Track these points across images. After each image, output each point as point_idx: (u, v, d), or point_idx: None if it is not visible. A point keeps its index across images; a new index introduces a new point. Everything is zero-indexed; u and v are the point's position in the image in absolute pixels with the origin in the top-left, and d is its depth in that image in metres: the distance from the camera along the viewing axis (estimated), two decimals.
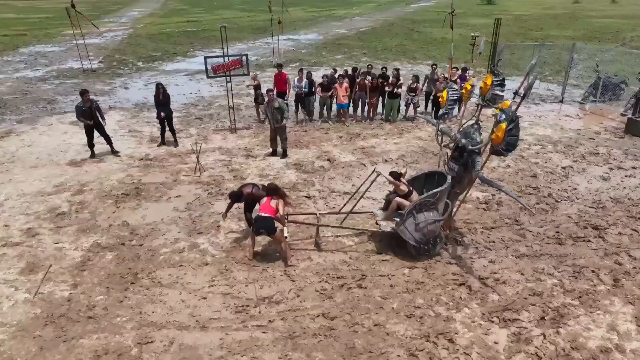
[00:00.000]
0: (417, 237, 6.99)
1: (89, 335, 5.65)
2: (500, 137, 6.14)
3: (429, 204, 6.98)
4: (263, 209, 6.96)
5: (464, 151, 7.02)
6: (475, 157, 6.88)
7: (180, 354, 5.40)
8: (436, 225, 7.05)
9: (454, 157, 7.26)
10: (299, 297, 6.35)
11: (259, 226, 6.86)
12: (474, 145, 6.90)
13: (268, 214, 6.89)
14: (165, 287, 6.54)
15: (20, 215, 8.39)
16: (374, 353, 5.41)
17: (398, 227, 7.07)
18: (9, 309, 6.08)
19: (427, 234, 7.01)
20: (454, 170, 7.21)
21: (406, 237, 7.01)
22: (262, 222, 6.84)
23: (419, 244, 7.06)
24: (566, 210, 8.69)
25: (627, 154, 11.41)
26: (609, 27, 38.74)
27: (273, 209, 6.97)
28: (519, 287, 6.53)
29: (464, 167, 7.06)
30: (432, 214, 7.00)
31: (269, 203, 7.03)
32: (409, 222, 6.96)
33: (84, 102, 10.62)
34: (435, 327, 5.79)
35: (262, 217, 6.87)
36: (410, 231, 6.97)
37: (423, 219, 6.93)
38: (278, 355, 5.37)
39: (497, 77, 7.04)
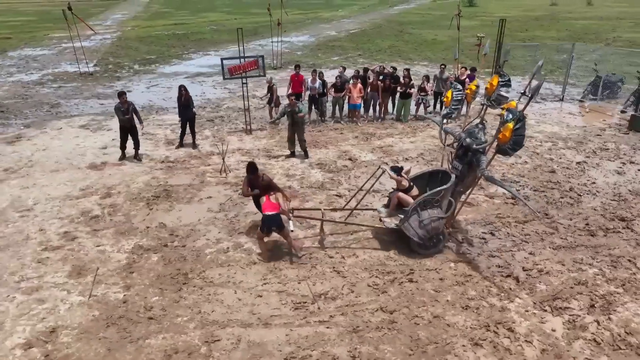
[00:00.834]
0: (420, 233, 7.07)
1: (154, 336, 5.66)
2: (508, 137, 6.27)
3: (433, 201, 7.10)
4: (267, 208, 6.95)
5: (468, 150, 7.12)
6: (479, 156, 6.99)
7: (250, 351, 5.45)
8: (440, 223, 7.14)
9: (459, 156, 7.36)
10: (354, 293, 6.46)
11: (268, 225, 6.89)
12: (478, 145, 7.01)
13: (273, 211, 6.91)
14: (218, 287, 6.57)
15: (53, 219, 8.29)
16: (439, 344, 5.56)
17: (402, 224, 7.16)
18: (66, 312, 6.03)
19: (430, 231, 7.09)
20: (458, 169, 7.30)
21: (410, 234, 7.10)
22: (270, 220, 6.87)
23: (422, 241, 7.14)
24: (590, 204, 9.01)
25: (635, 149, 11.86)
26: (589, 28, 39.85)
27: (276, 205, 7.01)
28: (563, 277, 6.77)
29: (468, 166, 7.16)
30: (436, 211, 7.10)
31: (270, 200, 7.06)
32: (413, 219, 7.06)
33: (122, 103, 10.53)
34: (493, 317, 5.97)
35: (268, 215, 6.88)
36: (414, 228, 7.06)
37: (427, 216, 7.04)
38: (347, 349, 5.47)
39: (503, 77, 7.17)
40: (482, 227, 8.16)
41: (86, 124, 13.87)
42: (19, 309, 6.06)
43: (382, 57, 25.71)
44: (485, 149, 7.03)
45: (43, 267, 6.93)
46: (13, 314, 5.96)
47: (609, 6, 65.96)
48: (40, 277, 6.71)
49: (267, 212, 6.90)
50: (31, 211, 8.57)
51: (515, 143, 6.35)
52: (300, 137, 11.15)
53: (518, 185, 9.79)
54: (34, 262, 7.04)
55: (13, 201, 8.93)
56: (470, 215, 8.54)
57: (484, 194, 9.36)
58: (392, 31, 36.86)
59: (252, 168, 7.44)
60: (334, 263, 7.10)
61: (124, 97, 10.72)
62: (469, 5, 65.95)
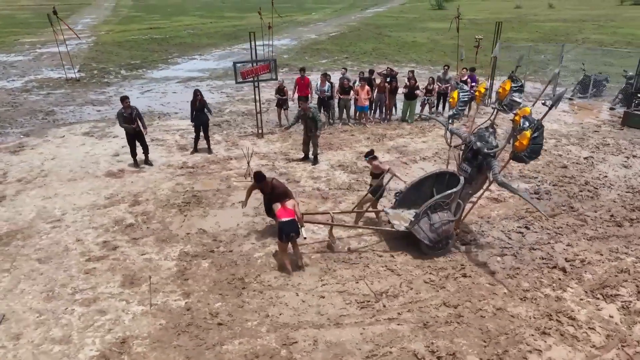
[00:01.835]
0: (431, 236, 7.12)
1: (230, 341, 5.63)
2: (525, 145, 6.25)
3: (444, 204, 7.16)
4: (283, 214, 6.82)
5: (478, 154, 7.21)
6: (490, 161, 7.04)
7: (330, 351, 5.51)
8: (450, 226, 7.22)
9: (467, 158, 7.43)
10: (413, 290, 6.60)
11: (287, 231, 6.73)
12: (489, 149, 7.08)
13: (290, 217, 6.79)
14: (278, 290, 6.59)
15: (87, 229, 8.08)
16: (509, 335, 5.76)
17: (412, 227, 7.21)
18: (131, 322, 5.92)
19: (441, 233, 7.15)
20: (467, 171, 7.38)
21: (420, 237, 7.14)
22: (289, 226, 6.74)
23: (433, 244, 7.19)
24: (608, 196, 9.47)
25: (634, 143, 12.52)
26: (557, 29, 41.54)
27: (291, 211, 6.88)
28: (605, 266, 7.12)
29: (478, 169, 7.26)
30: (446, 214, 7.18)
31: (285, 206, 6.94)
32: (424, 222, 7.11)
33: (124, 108, 10.30)
34: (552, 306, 6.23)
35: (286, 221, 6.74)
36: (424, 231, 7.12)
37: (437, 219, 7.09)
38: (424, 344, 5.60)
39: (515, 82, 7.15)
40: (516, 221, 8.46)
41: (89, 131, 13.50)
42: (82, 321, 5.91)
43: (369, 59, 26.07)
44: (496, 153, 7.06)
45: (93, 278, 6.76)
46: (78, 327, 5.81)
47: (570, 9, 68.80)
48: (93, 288, 6.54)
49: (284, 219, 6.76)
50: (62, 222, 8.32)
51: (533, 151, 6.34)
52: (314, 141, 11.18)
53: (537, 181, 10.18)
54: (81, 274, 6.85)
55: (39, 212, 8.64)
56: (501, 211, 8.84)
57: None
58: (371, 34, 37.35)
59: (259, 177, 7.31)
60: (385, 262, 7.22)
61: (127, 101, 10.47)
62: (437, 8, 67.58)
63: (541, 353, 5.46)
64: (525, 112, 6.48)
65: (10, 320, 5.88)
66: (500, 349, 5.52)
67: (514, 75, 7.33)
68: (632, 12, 57.60)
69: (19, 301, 6.22)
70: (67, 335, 5.66)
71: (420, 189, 7.94)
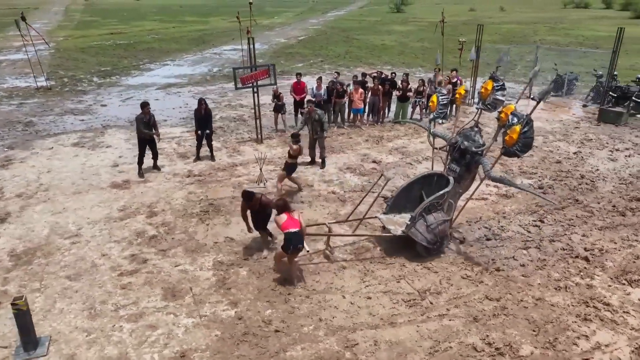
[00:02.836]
0: (429, 237, 7.23)
1: (292, 347, 5.64)
2: (515, 139, 6.53)
3: (437, 205, 7.32)
4: (290, 225, 6.57)
5: (466, 153, 7.41)
6: (479, 159, 7.30)
7: (392, 350, 5.62)
8: (446, 225, 7.38)
9: (455, 158, 7.61)
10: (453, 286, 6.82)
11: (296, 244, 6.58)
12: (477, 147, 7.31)
13: (297, 228, 6.60)
14: (323, 293, 6.64)
15: (110, 243, 7.83)
16: (553, 322, 6.07)
17: (409, 230, 7.27)
18: (185, 335, 5.82)
19: (438, 234, 7.28)
20: (456, 171, 7.57)
21: (418, 239, 7.22)
22: (297, 238, 6.58)
23: (430, 245, 7.30)
24: (605, 188, 10.09)
25: (613, 138, 13.36)
26: (514, 31, 43.42)
27: (297, 222, 6.67)
28: (621, 253, 7.61)
29: (467, 168, 7.48)
30: (440, 214, 7.33)
31: (292, 217, 6.70)
32: (420, 224, 7.21)
33: (144, 114, 10.08)
34: (585, 294, 6.61)
35: (294, 233, 6.53)
36: (422, 232, 7.20)
37: (433, 220, 7.22)
38: (479, 337, 5.81)
39: (497, 82, 7.49)
40: (530, 215, 8.88)
41: (78, 141, 13.00)
42: (134, 337, 5.75)
43: (344, 62, 26.41)
44: (484, 151, 7.31)
45: (131, 293, 6.57)
46: (132, 344, 5.64)
47: (519, 12, 72.03)
48: (135, 303, 6.37)
49: (292, 230, 6.53)
50: (80, 237, 8.01)
51: (525, 145, 6.61)
52: (320, 143, 11.29)
53: (537, 176, 10.70)
54: (118, 289, 6.65)
55: (53, 227, 8.28)
56: (514, 206, 9.25)
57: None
58: (339, 37, 37.77)
59: (248, 195, 7.35)
60: (419, 260, 7.41)
61: (147, 107, 10.35)
62: (396, 11, 69.10)
63: (588, 338, 5.80)
64: (510, 109, 6.78)
65: (59, 342, 5.64)
66: (550, 337, 5.81)
67: (495, 75, 7.64)
68: (576, 15, 61.08)
69: (61, 321, 5.97)
70: (124, 353, 5.49)
71: (410, 192, 8.00)
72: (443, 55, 16.45)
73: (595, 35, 37.26)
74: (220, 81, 21.60)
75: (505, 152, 6.87)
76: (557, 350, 5.60)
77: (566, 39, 35.57)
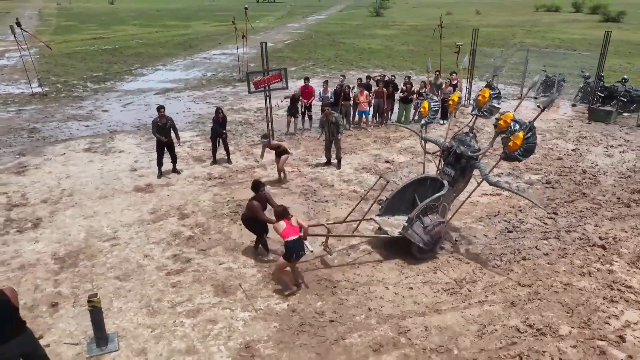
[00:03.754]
0: (426, 239, 7.41)
1: (349, 335, 5.98)
2: (518, 145, 6.81)
3: (433, 207, 7.54)
4: (290, 233, 6.61)
5: (461, 157, 7.69)
6: (474, 163, 7.59)
7: (443, 334, 6.02)
8: (442, 227, 7.58)
9: (450, 162, 7.85)
10: (486, 275, 7.28)
11: (297, 251, 6.65)
12: (473, 152, 7.59)
13: (296, 235, 6.64)
14: (366, 285, 7.00)
15: (149, 245, 8.01)
16: (584, 305, 6.58)
17: (406, 232, 7.45)
18: (246, 328, 6.09)
19: (434, 235, 7.48)
20: (450, 175, 7.80)
21: (415, 240, 7.40)
22: (299, 245, 6.65)
23: (427, 246, 7.47)
24: (607, 182, 10.76)
25: (605, 135, 14.15)
26: (493, 34, 44.66)
27: (296, 228, 6.72)
28: (633, 241, 8.22)
29: (461, 172, 7.74)
30: (436, 216, 7.56)
31: (290, 224, 6.73)
32: (417, 226, 7.42)
33: (159, 117, 10.24)
34: (608, 278, 7.16)
35: (293, 241, 6.58)
36: (419, 234, 7.39)
37: (429, 222, 7.43)
38: (520, 319, 6.27)
39: (493, 90, 7.86)
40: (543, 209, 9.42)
41: (89, 147, 13.04)
42: (197, 331, 5.99)
43: (335, 65, 26.85)
44: (479, 156, 7.60)
45: (183, 291, 6.80)
46: (196, 337, 5.89)
47: (494, 15, 73.98)
48: (189, 300, 6.60)
49: (292, 237, 6.57)
50: (118, 239, 8.17)
51: (527, 150, 6.88)
52: (337, 145, 11.65)
53: (543, 172, 11.30)
54: (169, 287, 6.86)
55: (88, 231, 8.41)
56: (527, 201, 9.77)
57: (523, 181, 10.72)
58: (325, 41, 38.24)
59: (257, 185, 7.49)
60: (450, 252, 7.85)
61: (162, 111, 10.51)
62: (376, 15, 70.08)
63: (618, 317, 6.32)
64: (509, 117, 7.01)
65: (127, 337, 5.84)
66: (584, 317, 6.31)
67: (491, 83, 8.00)
68: (549, 18, 63.18)
69: (122, 319, 6.16)
70: (192, 346, 5.74)
71: (404, 195, 8.24)
72: (441, 58, 17.02)
73: (571, 38, 38.78)
74: (217, 85, 21.74)
75: (506, 157, 7.10)
76: (592, 329, 6.09)
77: (544, 42, 36.87)
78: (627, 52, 30.37)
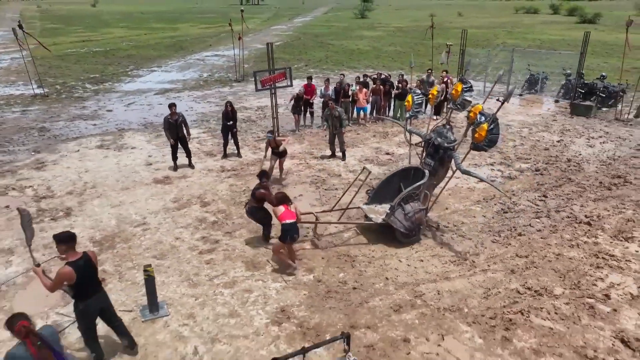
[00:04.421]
0: (407, 225, 7.90)
1: (372, 299, 6.75)
2: (483, 136, 7.30)
3: (414, 195, 8.05)
4: (287, 217, 7.16)
5: (439, 148, 8.17)
6: (451, 154, 8.05)
7: (454, 296, 6.83)
8: (422, 214, 8.08)
9: (430, 153, 8.34)
10: (487, 248, 8.13)
11: (292, 234, 7.20)
12: (449, 143, 8.08)
13: (293, 219, 7.20)
14: (382, 259, 7.79)
15: (178, 229, 8.67)
16: (574, 271, 7.47)
17: (389, 218, 7.94)
18: (279, 295, 6.82)
19: (415, 221, 7.96)
20: (431, 165, 8.28)
21: (397, 226, 7.89)
22: (293, 229, 7.21)
23: (408, 231, 7.97)
24: (590, 169, 11.75)
25: (587, 128, 15.21)
26: (476, 35, 45.97)
27: (294, 213, 7.27)
28: (615, 218, 9.16)
29: (440, 162, 8.23)
30: (417, 204, 8.04)
31: (289, 209, 7.29)
32: (399, 213, 7.90)
33: (171, 115, 10.86)
34: (593, 249, 8.07)
35: (290, 224, 7.14)
36: (400, 220, 7.89)
37: (410, 209, 7.92)
38: (519, 284, 7.11)
39: (465, 84, 8.51)
40: (534, 192, 10.35)
41: (101, 144, 13.58)
42: (236, 299, 6.69)
43: (327, 66, 27.67)
44: (455, 147, 8.06)
45: (217, 266, 7.49)
46: (236, 303, 6.60)
47: (475, 17, 75.76)
48: (224, 274, 7.30)
49: (288, 220, 7.13)
50: (148, 225, 8.81)
51: (491, 141, 7.38)
52: (340, 138, 12.43)
53: (532, 161, 12.25)
54: (203, 264, 7.55)
55: (119, 218, 9.03)
56: (519, 185, 10.71)
57: (514, 169, 11.65)
58: (314, 43, 39.06)
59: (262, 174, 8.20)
60: (453, 230, 8.69)
61: (173, 108, 11.06)
62: (361, 17, 71.18)
63: (603, 280, 7.21)
64: (478, 109, 7.49)
65: (174, 305, 6.52)
66: (575, 280, 7.19)
67: (463, 78, 8.71)
68: (529, 20, 65.03)
69: (167, 290, 6.83)
70: (234, 311, 6.44)
71: (389, 185, 8.78)
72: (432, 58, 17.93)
73: (550, 39, 40.31)
74: (215, 86, 22.35)
75: (474, 147, 7.60)
76: (582, 289, 6.97)
77: (525, 42, 38.27)
78: (603, 52, 31.83)
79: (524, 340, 5.95)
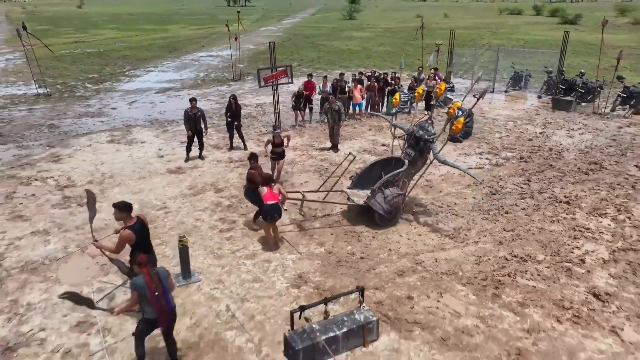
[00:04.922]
0: (385, 208, 8.59)
1: (378, 266, 7.64)
2: (459, 128, 8.26)
3: (393, 181, 8.75)
4: (269, 197, 7.75)
5: (420, 140, 8.88)
6: (430, 145, 8.79)
7: (449, 263, 7.74)
8: (400, 199, 8.78)
9: (411, 145, 9.05)
10: (478, 224, 9.08)
11: (272, 214, 7.74)
12: (429, 136, 8.82)
13: (275, 200, 7.79)
14: (384, 234, 8.67)
15: (197, 212, 9.47)
16: (554, 241, 8.44)
17: (369, 201, 8.60)
18: (295, 264, 7.67)
19: (393, 204, 8.66)
20: (411, 155, 8.97)
21: (377, 209, 8.53)
22: (273, 209, 7.75)
23: (386, 214, 8.64)
24: (569, 156, 12.80)
25: (567, 121, 16.32)
26: (462, 36, 47.22)
27: (277, 195, 7.88)
28: (590, 198, 10.18)
29: (420, 153, 8.95)
30: (396, 189, 8.72)
31: (271, 191, 7.85)
32: (379, 196, 8.58)
33: (191, 109, 11.63)
34: (572, 223, 9.06)
35: (271, 204, 7.70)
36: (380, 203, 8.55)
37: (390, 194, 8.61)
38: (506, 252, 8.06)
39: (448, 83, 9.80)
40: (519, 177, 11.34)
41: (112, 139, 14.28)
42: (258, 268, 7.53)
43: (320, 65, 28.54)
44: (434, 139, 8.82)
45: (238, 241, 8.32)
46: (259, 271, 7.43)
47: (461, 18, 77.35)
48: (244, 248, 8.13)
49: (270, 202, 7.72)
50: (168, 209, 9.59)
51: (466, 133, 8.35)
52: (336, 131, 13.31)
53: (517, 151, 13.27)
54: (224, 240, 8.37)
55: (140, 203, 9.78)
56: (505, 172, 11.69)
57: (501, 157, 12.65)
58: (305, 43, 39.92)
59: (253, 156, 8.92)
60: (447, 210, 9.63)
61: (194, 102, 11.87)
62: (349, 19, 72.23)
63: (579, 248, 8.20)
64: (457, 105, 8.43)
65: (204, 272, 7.34)
66: (555, 249, 8.16)
67: (446, 79, 9.82)
68: (513, 21, 66.68)
69: (195, 261, 7.61)
70: (257, 277, 7.27)
71: (372, 172, 9.43)
72: (423, 57, 18.90)
73: (533, 39, 41.71)
74: (212, 85, 23.10)
75: (451, 139, 8.53)
76: (561, 255, 7.95)
77: (509, 42, 39.60)
78: (583, 52, 33.23)
79: (511, 296, 6.88)
